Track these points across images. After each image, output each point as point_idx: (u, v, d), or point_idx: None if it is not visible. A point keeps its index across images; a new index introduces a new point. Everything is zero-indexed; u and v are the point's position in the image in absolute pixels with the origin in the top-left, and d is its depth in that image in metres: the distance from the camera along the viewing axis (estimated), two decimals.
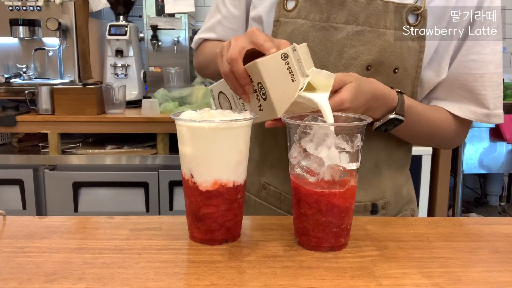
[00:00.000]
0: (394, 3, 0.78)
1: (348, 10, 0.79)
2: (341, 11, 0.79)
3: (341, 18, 0.79)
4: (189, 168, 0.65)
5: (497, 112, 0.84)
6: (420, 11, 0.78)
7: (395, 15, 0.78)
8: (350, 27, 0.79)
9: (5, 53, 2.44)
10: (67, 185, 2.07)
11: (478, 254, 0.65)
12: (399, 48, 0.79)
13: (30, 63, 2.42)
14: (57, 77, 2.45)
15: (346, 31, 0.79)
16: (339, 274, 0.58)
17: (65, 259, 0.61)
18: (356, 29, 0.79)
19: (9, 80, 2.28)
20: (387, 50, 0.78)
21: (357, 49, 0.79)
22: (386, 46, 0.78)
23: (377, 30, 0.78)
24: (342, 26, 0.79)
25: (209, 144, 0.63)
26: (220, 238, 0.67)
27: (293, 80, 0.65)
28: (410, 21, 0.79)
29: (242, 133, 0.65)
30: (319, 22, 0.80)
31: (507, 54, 2.85)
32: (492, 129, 2.13)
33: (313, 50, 0.77)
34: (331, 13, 0.79)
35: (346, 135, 0.62)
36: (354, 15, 0.79)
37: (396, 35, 0.79)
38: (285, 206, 0.90)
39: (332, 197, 0.63)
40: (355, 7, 0.78)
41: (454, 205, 2.28)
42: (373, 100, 0.73)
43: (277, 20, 0.81)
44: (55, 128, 2.10)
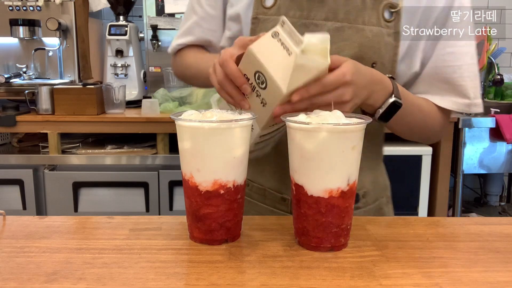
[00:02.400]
0: (371, 0, 0.80)
1: (328, 7, 0.80)
2: (321, 8, 0.80)
3: (321, 15, 0.80)
4: (189, 168, 0.65)
5: (477, 102, 0.86)
6: (396, 9, 0.81)
7: (372, 11, 0.81)
8: (330, 23, 0.80)
9: (5, 53, 2.44)
10: (67, 185, 2.07)
11: (478, 254, 0.65)
12: (377, 44, 0.81)
13: (30, 63, 2.42)
14: (57, 77, 2.45)
15: (326, 27, 0.80)
16: (339, 274, 0.58)
17: (65, 259, 0.61)
18: (336, 25, 0.80)
19: (9, 80, 2.28)
20: (366, 45, 0.80)
21: (337, 45, 0.80)
22: (365, 42, 0.80)
23: (356, 26, 0.80)
24: (322, 22, 0.80)
25: (209, 144, 0.63)
26: (220, 238, 0.67)
27: (290, 54, 0.63)
28: (386, 17, 0.81)
29: (242, 133, 0.65)
30: (299, 19, 0.80)
31: (507, 54, 2.85)
32: (492, 129, 2.13)
33: None
34: (311, 10, 0.80)
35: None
36: (333, 12, 0.80)
37: (373, 30, 0.81)
38: (269, 201, 0.91)
39: (331, 198, 0.63)
40: (334, 4, 0.80)
41: (454, 205, 2.28)
42: (374, 83, 0.72)
43: (255, 18, 0.81)
44: (55, 128, 2.10)
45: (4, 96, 2.29)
